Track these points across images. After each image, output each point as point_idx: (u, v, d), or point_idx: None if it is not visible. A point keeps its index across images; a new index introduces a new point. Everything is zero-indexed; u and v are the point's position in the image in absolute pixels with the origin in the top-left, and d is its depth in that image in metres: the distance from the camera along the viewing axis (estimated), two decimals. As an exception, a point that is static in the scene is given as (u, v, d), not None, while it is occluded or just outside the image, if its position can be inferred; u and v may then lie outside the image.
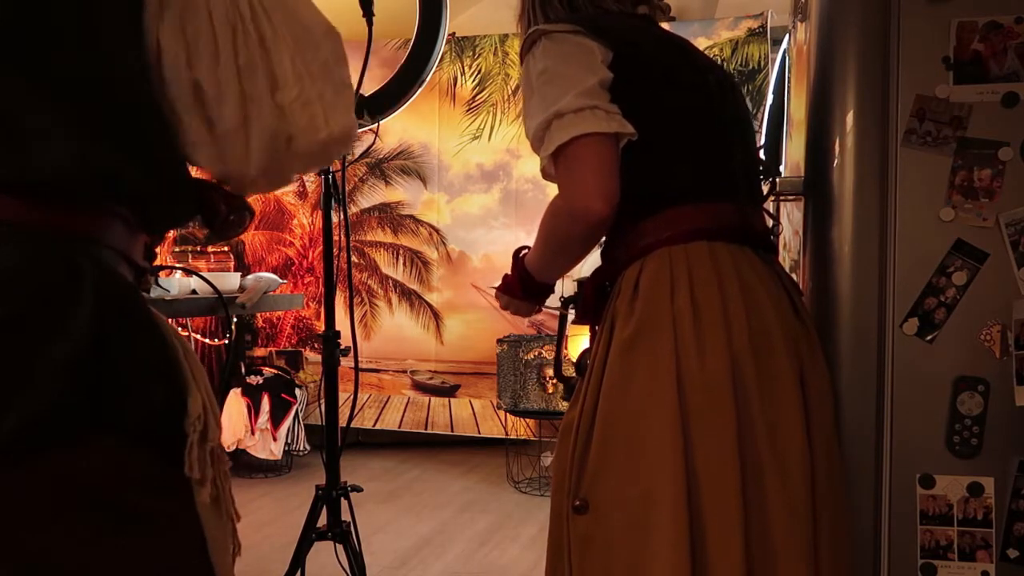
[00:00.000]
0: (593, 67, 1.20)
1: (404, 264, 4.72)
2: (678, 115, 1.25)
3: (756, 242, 1.31)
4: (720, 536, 1.16)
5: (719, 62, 4.29)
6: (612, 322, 1.25)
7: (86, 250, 0.75)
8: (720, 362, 1.18)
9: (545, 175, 1.26)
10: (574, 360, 1.43)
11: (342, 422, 2.30)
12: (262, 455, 4.20)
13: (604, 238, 1.33)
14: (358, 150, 4.02)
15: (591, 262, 1.39)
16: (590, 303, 1.34)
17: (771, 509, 1.20)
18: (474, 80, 4.62)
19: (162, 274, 2.05)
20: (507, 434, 4.43)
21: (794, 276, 1.73)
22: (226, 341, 4.32)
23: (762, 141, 3.74)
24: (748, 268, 1.25)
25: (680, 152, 1.26)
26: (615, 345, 1.22)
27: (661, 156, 1.24)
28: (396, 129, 4.60)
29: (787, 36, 2.50)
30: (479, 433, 4.58)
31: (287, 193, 4.83)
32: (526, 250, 1.44)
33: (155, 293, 1.97)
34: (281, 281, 3.83)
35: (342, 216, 2.17)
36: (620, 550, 1.19)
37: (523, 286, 1.44)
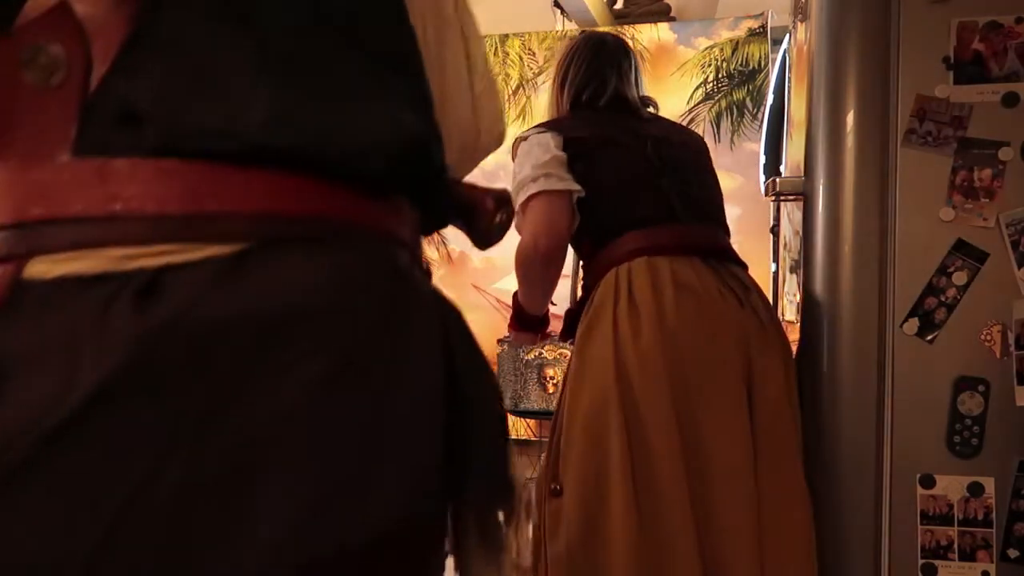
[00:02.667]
0: (549, 149, 1.59)
1: (404, 264, 4.73)
2: (618, 172, 1.60)
3: (702, 252, 1.56)
4: (670, 497, 1.37)
5: (720, 62, 4.29)
6: (578, 334, 1.56)
7: (406, 258, 0.61)
8: (652, 342, 1.41)
9: (516, 229, 1.61)
10: None
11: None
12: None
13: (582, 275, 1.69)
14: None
15: None
16: (566, 324, 1.70)
17: (715, 476, 1.42)
18: (474, 80, 4.62)
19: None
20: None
21: (795, 276, 1.73)
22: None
23: (762, 141, 3.74)
24: (688, 274, 1.50)
25: (622, 196, 1.60)
26: (574, 347, 1.55)
27: (608, 202, 1.60)
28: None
29: (787, 36, 2.50)
30: (479, 433, 4.58)
31: (287, 193, 4.83)
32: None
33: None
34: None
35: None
36: (581, 523, 1.39)
37: (518, 319, 1.84)
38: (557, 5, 4.60)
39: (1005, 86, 1.45)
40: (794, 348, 1.70)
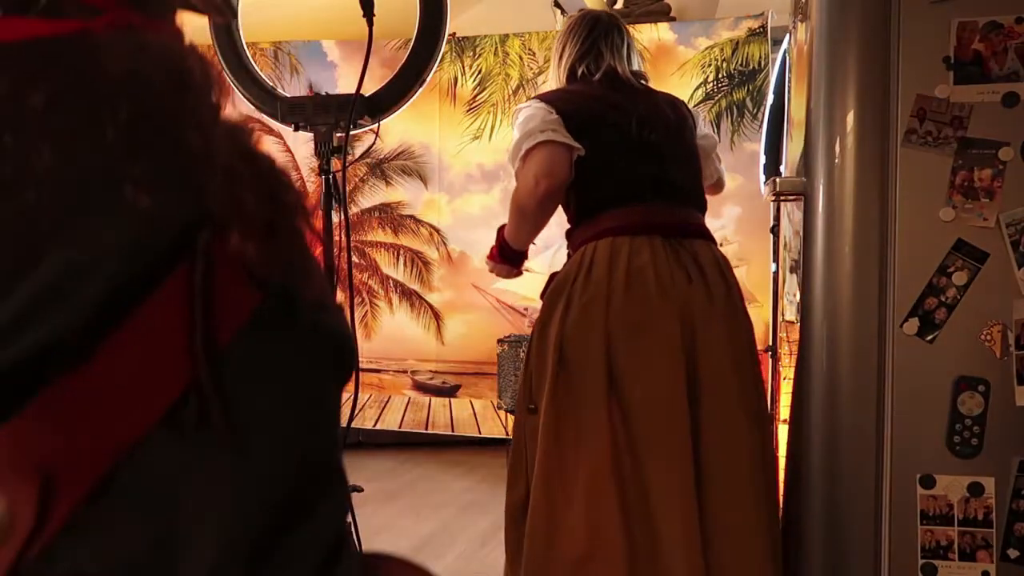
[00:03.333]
0: (551, 113, 1.76)
1: (405, 264, 4.72)
2: (601, 154, 1.76)
3: (664, 231, 1.74)
4: (597, 439, 1.64)
5: (720, 62, 4.29)
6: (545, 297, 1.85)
7: None
8: (596, 316, 1.67)
9: (516, 176, 1.84)
10: None
11: (343, 422, 2.30)
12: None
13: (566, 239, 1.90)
14: (358, 150, 4.02)
15: None
16: (548, 284, 1.89)
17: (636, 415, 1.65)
18: (475, 80, 4.62)
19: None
20: (508, 434, 4.42)
21: (795, 276, 1.73)
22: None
23: (762, 141, 3.74)
24: (644, 253, 1.70)
25: (602, 178, 1.77)
26: (545, 302, 1.83)
27: (589, 181, 1.77)
28: (397, 129, 4.59)
29: (787, 36, 2.50)
30: (480, 433, 4.58)
31: (288, 193, 4.83)
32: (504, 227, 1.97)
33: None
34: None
35: (343, 216, 2.17)
36: (558, 433, 1.69)
37: (501, 252, 1.99)
38: (557, 5, 4.60)
39: (1005, 86, 1.45)
40: (794, 348, 1.70)
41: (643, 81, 1.92)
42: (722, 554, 1.60)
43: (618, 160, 1.76)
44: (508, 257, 2.01)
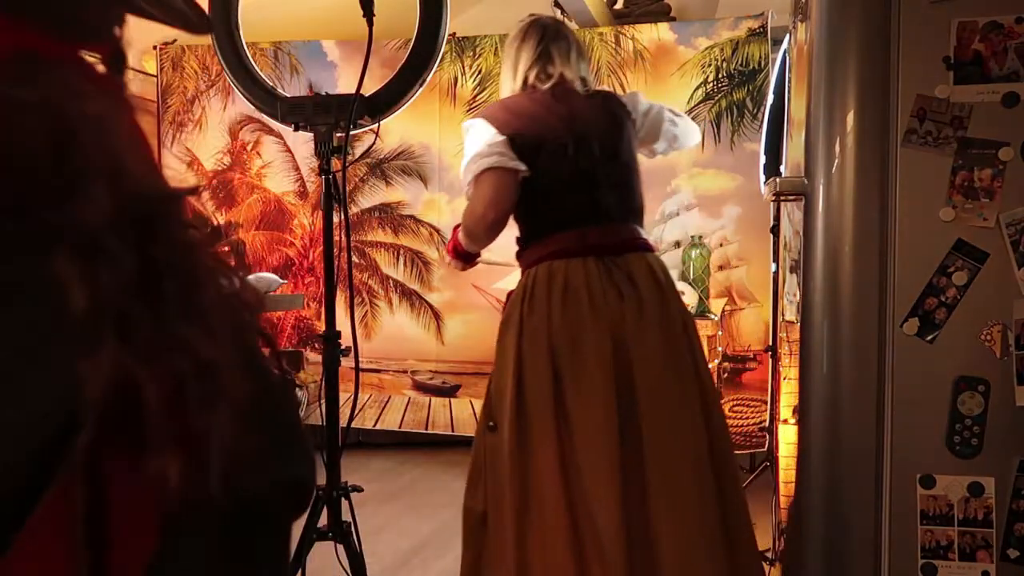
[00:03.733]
0: (497, 136, 1.90)
1: (405, 264, 4.72)
2: (541, 177, 1.90)
3: (599, 252, 1.86)
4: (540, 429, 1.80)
5: (720, 62, 4.29)
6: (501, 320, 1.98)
7: None
8: (541, 336, 1.82)
9: (467, 196, 1.98)
10: None
11: (343, 422, 2.30)
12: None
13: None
14: (358, 150, 4.02)
15: None
16: (505, 304, 2.01)
17: (578, 417, 1.79)
18: (475, 80, 4.62)
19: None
20: (508, 434, 4.43)
21: (795, 276, 1.73)
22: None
23: (762, 141, 3.74)
24: (578, 276, 1.83)
25: (541, 202, 1.92)
26: (500, 325, 1.96)
27: (531, 205, 1.93)
28: (397, 129, 4.59)
29: (787, 36, 2.50)
30: (480, 433, 4.59)
31: (288, 193, 4.83)
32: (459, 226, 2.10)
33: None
34: (282, 281, 3.82)
35: (343, 216, 2.17)
36: (502, 450, 1.83)
37: (455, 251, 2.14)
38: (557, 5, 4.60)
39: (1005, 86, 1.45)
40: (795, 348, 1.70)
41: (587, 87, 2.02)
42: (668, 555, 1.70)
43: (556, 189, 1.91)
44: (462, 257, 2.17)
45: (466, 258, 2.16)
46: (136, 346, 0.36)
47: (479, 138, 1.93)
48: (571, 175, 1.89)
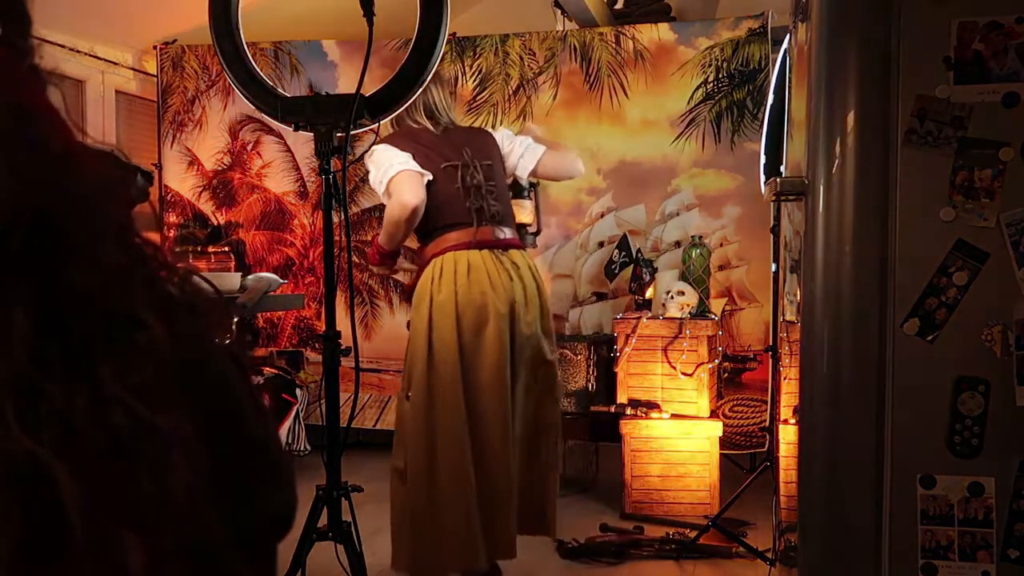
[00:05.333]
0: (401, 153, 2.44)
1: (405, 264, 4.72)
2: (439, 195, 2.46)
3: (488, 246, 2.45)
4: (454, 398, 2.36)
5: (720, 62, 4.29)
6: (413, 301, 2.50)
7: None
8: (448, 304, 2.33)
9: (386, 203, 2.49)
10: None
11: (343, 422, 2.30)
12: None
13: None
14: (358, 150, 4.02)
15: (591, 262, 2.52)
16: (409, 289, 2.57)
17: (482, 377, 2.38)
18: (475, 80, 4.62)
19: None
20: (508, 434, 4.43)
21: (795, 276, 1.73)
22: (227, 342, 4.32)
23: (763, 141, 3.74)
24: (476, 261, 2.41)
25: (441, 211, 2.46)
26: (413, 305, 2.48)
27: (432, 213, 2.46)
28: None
29: (788, 36, 2.50)
30: (480, 433, 4.58)
31: (288, 193, 4.83)
32: (378, 234, 2.59)
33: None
34: (282, 281, 3.82)
35: (343, 216, 2.17)
36: (417, 414, 2.39)
37: (380, 256, 2.59)
38: (557, 5, 4.60)
39: (1005, 86, 1.45)
40: (795, 348, 1.70)
41: (453, 123, 2.63)
42: (534, 485, 2.53)
43: (452, 197, 2.45)
44: (385, 258, 2.61)
45: (391, 257, 2.61)
46: (44, 424, 0.28)
47: (384, 156, 2.45)
48: (462, 187, 2.46)
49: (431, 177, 2.39)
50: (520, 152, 2.64)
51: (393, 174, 2.38)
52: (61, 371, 0.30)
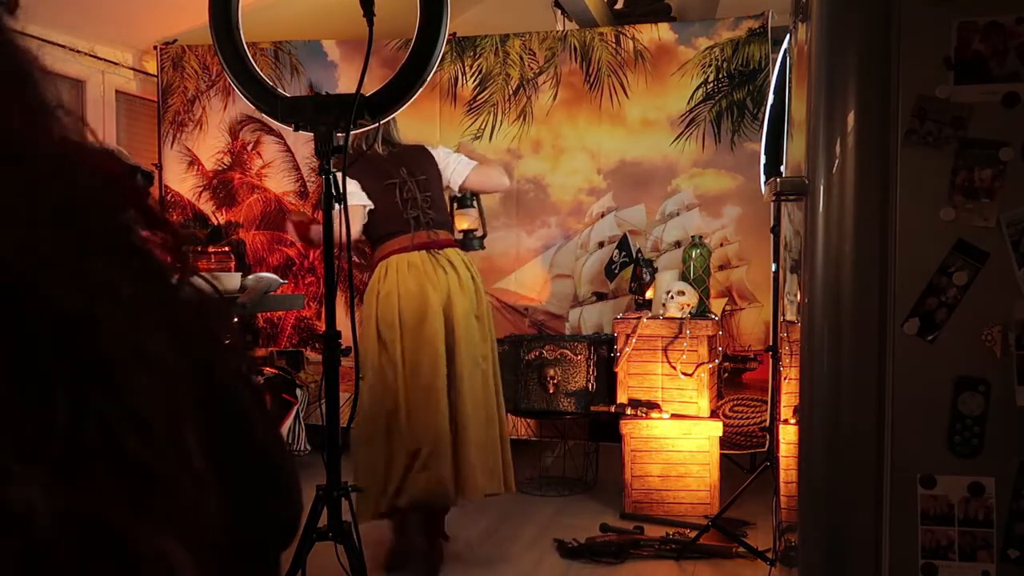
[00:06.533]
0: (357, 185, 2.95)
1: (405, 264, 4.72)
2: (386, 209, 2.98)
3: (427, 247, 2.94)
4: (396, 378, 2.87)
5: (720, 62, 4.29)
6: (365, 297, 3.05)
7: None
8: (392, 298, 2.80)
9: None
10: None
11: (343, 422, 2.30)
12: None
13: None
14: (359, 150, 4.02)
15: (591, 262, 2.71)
16: (362, 289, 3.10)
17: (423, 360, 2.87)
18: (475, 80, 4.62)
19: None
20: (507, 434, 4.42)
21: (795, 276, 1.73)
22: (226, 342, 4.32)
23: (763, 141, 3.74)
24: (416, 261, 2.91)
25: (387, 222, 2.98)
26: (364, 299, 3.03)
27: (380, 223, 2.99)
28: (397, 129, 4.59)
29: (788, 36, 2.50)
30: (480, 433, 4.58)
31: (288, 193, 4.83)
32: (301, 219, 3.26)
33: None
34: (282, 281, 3.82)
35: (343, 216, 2.17)
36: (371, 390, 2.89)
37: (302, 239, 3.14)
38: (557, 5, 4.60)
39: (1006, 86, 1.45)
40: (795, 348, 1.70)
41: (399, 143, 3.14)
42: (470, 454, 2.86)
43: (393, 209, 2.95)
44: (308, 243, 3.24)
45: (312, 244, 3.28)
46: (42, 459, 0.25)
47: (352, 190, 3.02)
48: (400, 201, 2.96)
49: (372, 206, 2.96)
50: (453, 167, 3.12)
51: (352, 204, 2.96)
52: (65, 398, 0.27)
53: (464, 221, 3.29)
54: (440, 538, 3.10)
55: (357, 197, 2.91)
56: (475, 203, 3.33)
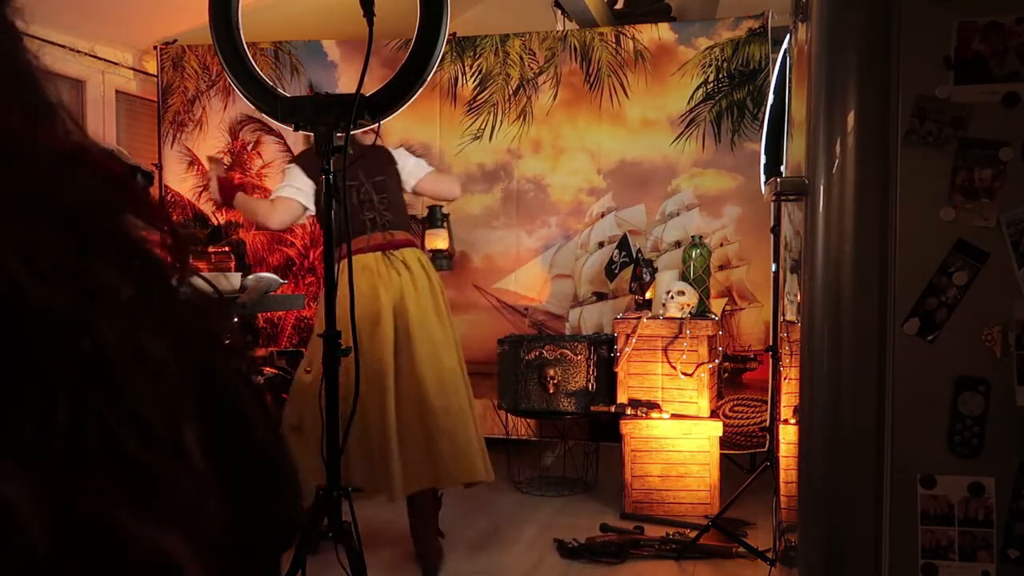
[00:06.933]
0: (299, 176, 3.03)
1: (405, 264, 4.72)
2: (347, 206, 2.79)
3: (381, 249, 3.00)
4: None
5: (720, 62, 4.29)
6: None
7: None
8: (347, 297, 2.48)
9: (273, 199, 3.09)
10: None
11: (344, 422, 2.30)
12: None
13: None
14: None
15: (591, 262, 2.49)
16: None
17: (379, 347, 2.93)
18: (475, 80, 4.62)
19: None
20: (508, 434, 4.43)
21: (796, 276, 1.73)
22: (226, 342, 4.32)
23: (763, 141, 3.74)
24: (370, 262, 2.95)
25: (347, 220, 2.70)
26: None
27: (341, 224, 2.79)
28: (397, 129, 4.59)
29: (788, 36, 2.50)
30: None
31: (288, 193, 4.83)
32: (228, 177, 3.28)
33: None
34: (282, 281, 3.82)
35: (343, 216, 2.17)
36: (315, 383, 2.67)
37: (224, 198, 3.12)
38: (557, 5, 4.60)
39: (1006, 86, 1.45)
40: (795, 348, 1.70)
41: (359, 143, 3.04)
42: (441, 442, 2.90)
43: (352, 212, 2.85)
44: (226, 204, 3.18)
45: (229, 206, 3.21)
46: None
47: (289, 175, 3.06)
48: (358, 203, 3.00)
49: (312, 211, 3.05)
50: (409, 169, 3.19)
51: (282, 194, 3.03)
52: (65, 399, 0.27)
53: (435, 241, 3.38)
54: (436, 536, 3.12)
55: (295, 193, 3.01)
56: (445, 224, 3.41)
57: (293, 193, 2.99)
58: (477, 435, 3.08)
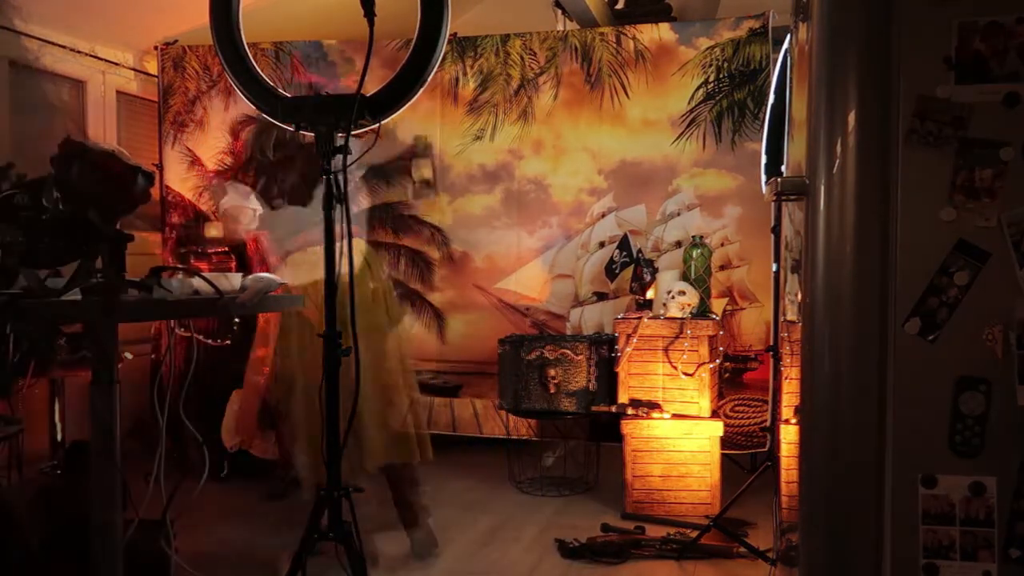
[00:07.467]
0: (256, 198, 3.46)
1: (406, 264, 4.72)
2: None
3: (318, 242, 2.87)
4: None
5: (721, 62, 4.29)
6: None
7: None
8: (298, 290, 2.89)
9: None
10: None
11: (344, 422, 2.30)
12: (265, 455, 4.20)
13: None
14: (360, 150, 4.02)
15: (592, 262, 2.58)
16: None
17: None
18: (476, 80, 4.61)
19: (164, 275, 2.04)
20: (509, 434, 4.43)
21: (796, 276, 1.73)
22: (228, 342, 4.32)
23: (763, 141, 3.74)
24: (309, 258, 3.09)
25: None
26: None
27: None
28: (398, 129, 4.60)
29: (788, 36, 2.50)
30: (481, 433, 4.58)
31: (289, 193, 4.83)
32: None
33: (158, 294, 1.97)
34: (282, 281, 3.82)
35: (343, 216, 2.17)
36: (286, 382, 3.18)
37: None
38: (558, 5, 4.60)
39: (1006, 86, 1.45)
40: (796, 348, 1.70)
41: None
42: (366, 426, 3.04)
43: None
44: None
45: None
46: None
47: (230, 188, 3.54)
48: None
49: (261, 211, 3.41)
50: None
51: (225, 205, 3.58)
52: None
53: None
54: (414, 498, 3.30)
55: (250, 201, 3.45)
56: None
57: (241, 201, 3.51)
58: (414, 416, 3.35)
